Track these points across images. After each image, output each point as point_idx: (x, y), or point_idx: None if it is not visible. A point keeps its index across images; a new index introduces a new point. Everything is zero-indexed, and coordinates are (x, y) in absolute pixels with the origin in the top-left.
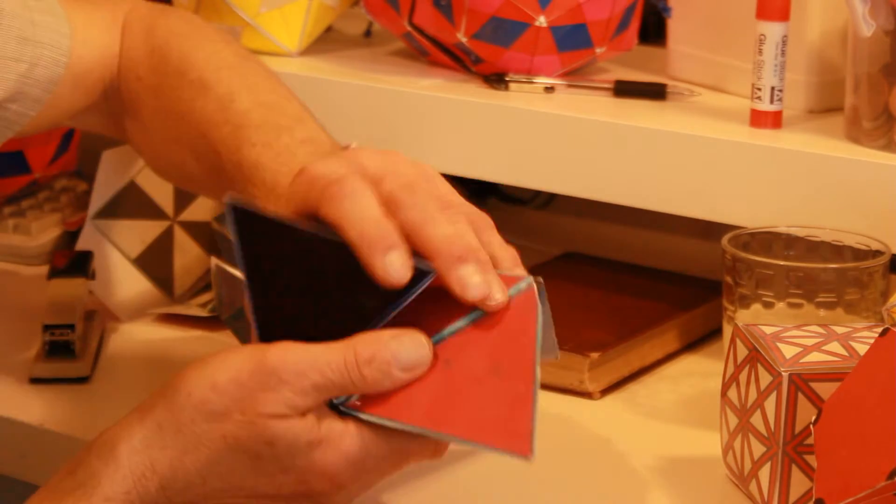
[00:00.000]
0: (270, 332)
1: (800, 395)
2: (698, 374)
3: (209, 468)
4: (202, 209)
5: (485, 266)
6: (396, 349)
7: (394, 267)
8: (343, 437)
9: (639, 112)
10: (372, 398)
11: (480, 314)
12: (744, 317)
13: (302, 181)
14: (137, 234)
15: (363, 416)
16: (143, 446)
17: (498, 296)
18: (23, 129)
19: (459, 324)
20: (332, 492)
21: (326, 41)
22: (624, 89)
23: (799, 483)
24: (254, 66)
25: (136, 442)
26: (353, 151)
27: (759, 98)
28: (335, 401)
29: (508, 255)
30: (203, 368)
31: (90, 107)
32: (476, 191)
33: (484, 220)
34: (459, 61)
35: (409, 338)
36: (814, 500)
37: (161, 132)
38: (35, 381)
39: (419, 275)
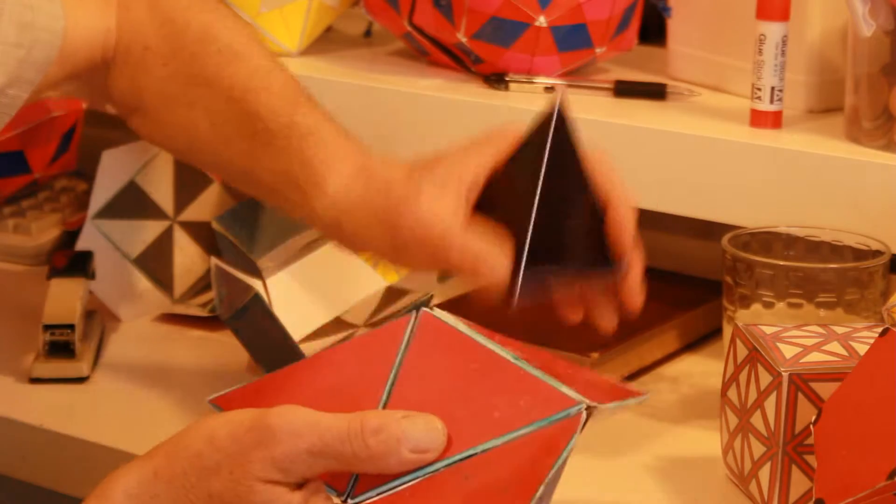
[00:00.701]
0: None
1: (800, 395)
2: (698, 374)
3: None
4: (202, 209)
5: None
6: (408, 427)
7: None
8: None
9: (639, 112)
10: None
11: (519, 434)
12: (744, 317)
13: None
14: (137, 234)
15: None
16: (137, 492)
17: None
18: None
19: (494, 442)
20: None
21: (326, 41)
22: (624, 89)
23: (799, 483)
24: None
25: (132, 486)
26: None
27: (759, 98)
28: (351, 501)
29: None
30: (206, 422)
31: (71, 78)
32: None
33: None
34: (459, 61)
35: (423, 419)
36: (814, 500)
37: (170, 98)
38: (35, 381)
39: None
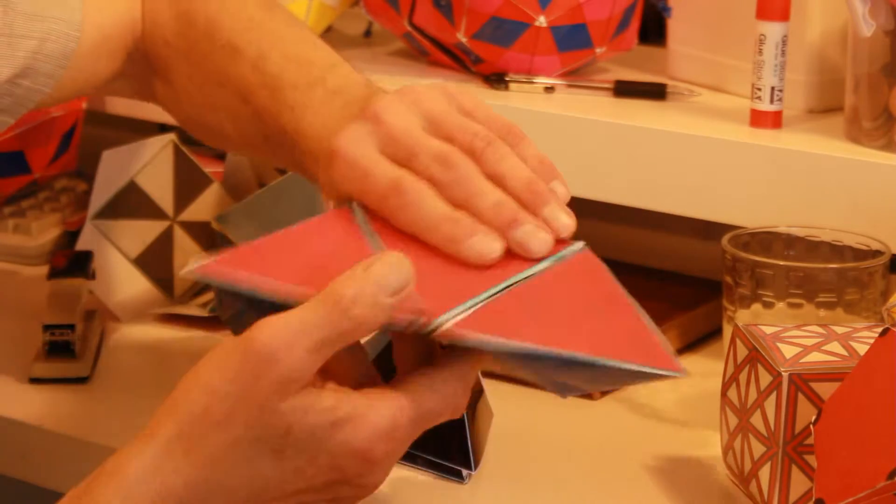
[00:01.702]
0: None
1: (800, 395)
2: (698, 374)
3: (230, 480)
4: (202, 209)
5: (540, 210)
6: (374, 278)
7: (481, 248)
8: (369, 412)
9: (639, 112)
10: (476, 320)
11: (539, 270)
12: (744, 317)
13: (338, 171)
14: (137, 234)
15: (471, 342)
16: (154, 470)
17: (564, 222)
18: (43, 102)
19: (517, 277)
20: (367, 472)
21: (326, 41)
22: (624, 89)
23: (799, 483)
24: (278, 15)
25: (147, 467)
26: (374, 110)
27: (759, 98)
28: (423, 332)
29: (545, 169)
30: (197, 376)
31: (117, 73)
32: None
33: (515, 134)
34: (459, 61)
35: (379, 262)
36: (814, 500)
37: (196, 98)
38: (35, 381)
39: None
